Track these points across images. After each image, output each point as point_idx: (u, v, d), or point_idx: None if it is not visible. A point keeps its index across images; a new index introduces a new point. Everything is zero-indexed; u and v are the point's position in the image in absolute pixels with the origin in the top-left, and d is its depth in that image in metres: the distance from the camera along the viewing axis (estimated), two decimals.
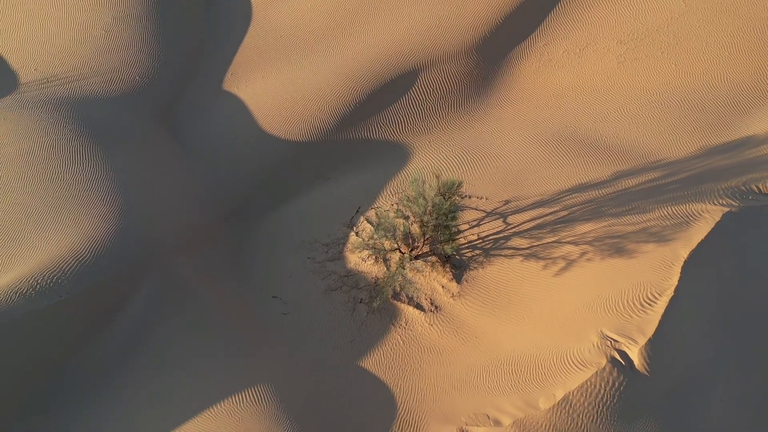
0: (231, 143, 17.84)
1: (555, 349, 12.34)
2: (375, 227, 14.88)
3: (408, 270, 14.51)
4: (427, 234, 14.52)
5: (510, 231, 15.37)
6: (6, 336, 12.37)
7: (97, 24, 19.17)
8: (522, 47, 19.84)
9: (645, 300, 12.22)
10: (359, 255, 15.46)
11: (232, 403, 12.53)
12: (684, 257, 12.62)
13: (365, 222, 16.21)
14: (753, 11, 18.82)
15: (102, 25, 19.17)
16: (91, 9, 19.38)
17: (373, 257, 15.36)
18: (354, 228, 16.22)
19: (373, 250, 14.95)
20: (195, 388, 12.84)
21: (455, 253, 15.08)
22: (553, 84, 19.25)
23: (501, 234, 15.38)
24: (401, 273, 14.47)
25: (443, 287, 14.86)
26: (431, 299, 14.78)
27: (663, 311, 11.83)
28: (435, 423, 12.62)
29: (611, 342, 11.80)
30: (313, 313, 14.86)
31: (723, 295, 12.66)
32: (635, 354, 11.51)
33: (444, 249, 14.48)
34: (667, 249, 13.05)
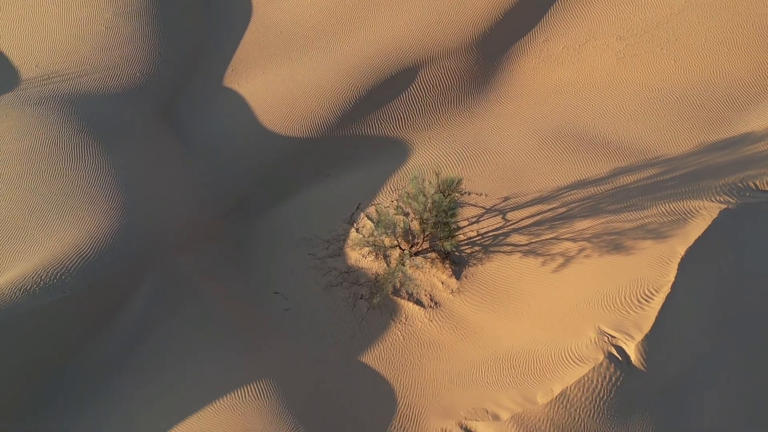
0: (231, 140, 17.86)
1: (553, 345, 12.43)
2: (375, 224, 14.96)
3: (408, 266, 14.60)
4: (427, 231, 14.59)
5: (509, 227, 15.45)
6: (8, 334, 12.37)
7: (98, 20, 19.18)
8: (521, 43, 19.85)
9: (642, 296, 12.29)
10: (360, 251, 15.55)
11: (233, 399, 12.58)
12: (681, 254, 12.69)
13: (365, 218, 16.29)
14: (752, 7, 18.83)
15: (102, 22, 19.18)
16: (92, 5, 19.39)
17: (374, 254, 15.45)
18: (354, 224, 16.29)
19: (374, 246, 15.04)
20: (197, 385, 12.88)
21: (455, 250, 15.17)
22: (553, 80, 19.25)
23: (500, 230, 15.46)
24: (401, 269, 14.55)
25: (443, 283, 14.96)
26: (431, 295, 14.87)
27: (660, 308, 11.91)
28: (434, 417, 12.72)
29: (608, 338, 11.90)
30: (314, 309, 14.95)
31: (720, 292, 12.73)
32: (632, 350, 11.60)
33: (443, 246, 14.56)
34: (665, 246, 13.12)
